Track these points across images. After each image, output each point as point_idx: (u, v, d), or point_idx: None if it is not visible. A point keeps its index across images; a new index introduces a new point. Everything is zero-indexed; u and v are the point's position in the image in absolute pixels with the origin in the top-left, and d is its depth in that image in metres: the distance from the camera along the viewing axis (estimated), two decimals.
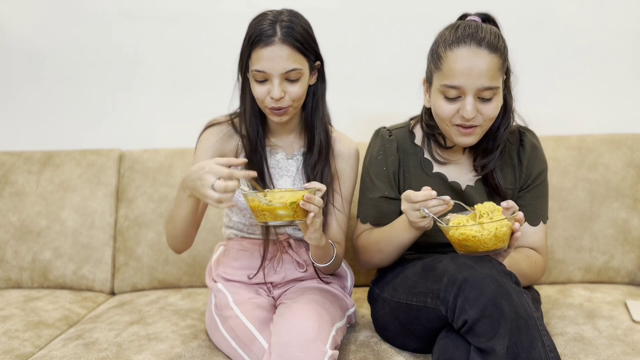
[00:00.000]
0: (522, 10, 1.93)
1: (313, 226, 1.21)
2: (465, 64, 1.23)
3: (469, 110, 1.24)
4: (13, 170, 1.94)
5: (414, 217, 1.22)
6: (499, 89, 1.26)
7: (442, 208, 1.20)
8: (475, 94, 1.24)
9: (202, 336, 1.45)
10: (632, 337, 1.37)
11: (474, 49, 1.23)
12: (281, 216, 1.17)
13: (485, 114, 1.26)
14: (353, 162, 1.48)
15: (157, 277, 1.86)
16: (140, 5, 2.02)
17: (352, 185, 1.49)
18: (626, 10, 1.92)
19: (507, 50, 1.29)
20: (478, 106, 1.25)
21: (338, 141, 1.47)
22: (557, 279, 1.78)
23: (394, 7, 1.96)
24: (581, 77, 1.96)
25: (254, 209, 1.19)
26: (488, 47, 1.23)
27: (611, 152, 1.80)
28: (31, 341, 1.48)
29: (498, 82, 1.25)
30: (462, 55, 1.23)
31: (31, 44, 2.06)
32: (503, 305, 1.09)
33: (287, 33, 1.29)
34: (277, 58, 1.28)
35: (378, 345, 1.37)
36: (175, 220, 1.32)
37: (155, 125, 2.06)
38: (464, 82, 1.23)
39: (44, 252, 1.87)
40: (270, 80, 1.31)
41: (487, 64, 1.23)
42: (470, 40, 1.24)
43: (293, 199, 1.16)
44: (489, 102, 1.25)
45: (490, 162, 1.37)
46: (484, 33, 1.25)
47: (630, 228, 1.76)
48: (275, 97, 1.30)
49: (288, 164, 1.45)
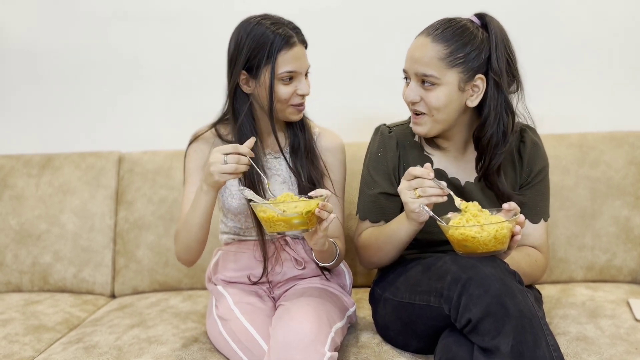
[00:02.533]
0: (522, 8, 1.92)
1: (324, 232, 1.23)
2: (411, 49, 1.32)
3: (407, 92, 1.32)
4: (12, 173, 1.94)
5: (407, 196, 1.21)
6: (439, 79, 1.27)
7: (436, 192, 1.19)
8: (416, 79, 1.30)
9: (203, 339, 1.44)
10: (635, 336, 1.36)
11: (422, 38, 1.30)
12: (296, 225, 1.20)
13: (427, 101, 1.30)
14: (340, 155, 1.51)
15: (158, 279, 1.85)
16: (139, 7, 2.02)
17: (343, 178, 1.52)
18: (627, 7, 1.91)
19: (480, 48, 1.27)
20: (422, 93, 1.30)
21: (322, 137, 1.51)
22: (559, 278, 1.77)
23: (394, 8, 1.96)
24: (582, 75, 1.95)
25: (266, 220, 1.21)
26: (435, 38, 1.28)
27: (613, 150, 1.79)
28: (31, 345, 1.48)
29: (438, 72, 1.27)
30: (414, 42, 1.33)
31: (30, 46, 2.06)
32: (507, 303, 1.09)
33: (298, 33, 1.39)
34: (303, 57, 1.39)
35: (379, 347, 1.37)
36: (191, 225, 1.35)
37: (154, 127, 2.06)
38: (407, 66, 1.32)
39: (44, 256, 1.87)
40: (296, 78, 1.38)
41: (425, 52, 1.28)
42: (426, 30, 1.31)
43: (308, 207, 1.19)
44: (430, 91, 1.29)
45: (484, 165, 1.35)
46: (441, 27, 1.30)
47: (632, 226, 1.75)
48: (305, 93, 1.40)
49: (277, 163, 1.47)
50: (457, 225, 1.16)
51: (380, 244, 1.36)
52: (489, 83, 1.29)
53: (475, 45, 1.28)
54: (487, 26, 1.31)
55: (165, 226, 1.85)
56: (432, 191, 1.19)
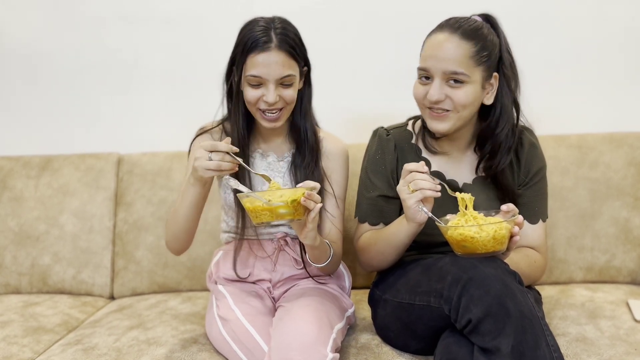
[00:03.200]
0: (522, 9, 1.93)
1: (312, 223, 1.21)
2: (435, 47, 1.29)
3: (432, 92, 1.28)
4: (11, 175, 1.94)
5: (404, 193, 1.22)
6: (468, 77, 1.28)
7: (429, 185, 1.20)
8: (442, 78, 1.28)
9: (202, 340, 1.44)
10: (634, 336, 1.36)
11: (447, 35, 1.28)
12: (282, 215, 1.18)
13: (455, 99, 1.28)
14: (342, 161, 1.50)
15: (157, 281, 1.85)
16: (138, 8, 2.02)
17: (344, 184, 1.51)
18: (627, 8, 1.92)
19: (496, 47, 1.31)
20: (447, 91, 1.29)
21: (326, 141, 1.50)
22: (559, 278, 1.77)
23: (393, 8, 1.96)
24: (581, 76, 1.95)
25: (252, 210, 1.20)
26: (462, 34, 1.28)
27: (612, 151, 1.79)
28: (30, 347, 1.48)
29: (468, 70, 1.27)
30: (435, 39, 1.30)
31: (29, 48, 2.06)
32: (508, 304, 1.09)
33: (282, 40, 1.33)
34: (274, 64, 1.32)
35: (379, 348, 1.37)
36: (178, 214, 1.35)
37: (153, 128, 2.06)
38: (431, 64, 1.28)
39: (43, 257, 1.86)
40: (265, 85, 1.34)
41: (455, 49, 1.27)
42: (447, 28, 1.30)
43: (294, 196, 1.17)
44: (458, 88, 1.28)
45: (494, 164, 1.37)
46: (464, 23, 1.29)
47: (631, 227, 1.75)
48: (270, 102, 1.34)
49: (279, 166, 1.47)
50: (456, 226, 1.16)
51: (380, 246, 1.36)
52: (501, 81, 1.33)
53: (493, 44, 1.31)
54: (494, 27, 1.34)
55: (164, 227, 1.85)
56: (424, 184, 1.20)
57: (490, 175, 1.39)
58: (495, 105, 1.34)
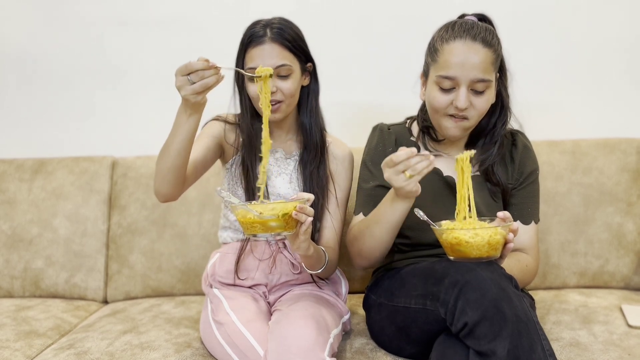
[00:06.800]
0: (517, 14, 1.94)
1: (304, 235, 1.21)
2: (460, 56, 1.28)
3: (462, 100, 1.29)
4: (4, 178, 1.93)
5: (400, 181, 1.20)
6: (491, 83, 1.31)
7: (425, 163, 1.19)
8: (468, 86, 1.29)
9: (196, 344, 1.43)
10: (628, 341, 1.37)
11: (469, 43, 1.29)
12: (273, 228, 1.17)
13: (478, 107, 1.31)
14: (347, 165, 1.52)
15: (151, 285, 1.84)
16: (132, 11, 2.01)
17: (347, 189, 1.52)
18: (621, 14, 1.93)
19: (501, 49, 1.35)
20: (471, 98, 1.30)
21: (333, 145, 1.52)
22: (552, 283, 1.77)
23: (393, 8, 1.97)
24: (575, 82, 1.97)
25: (244, 222, 1.18)
26: (482, 41, 1.29)
27: (605, 157, 1.80)
28: (22, 351, 1.46)
29: (491, 75, 1.30)
30: (457, 48, 1.29)
31: (23, 50, 2.05)
32: (504, 308, 1.10)
33: (276, 33, 1.38)
34: (267, 55, 1.37)
35: (373, 352, 1.36)
36: (170, 150, 1.29)
37: (147, 131, 2.05)
38: (458, 73, 1.28)
39: (36, 261, 1.85)
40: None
41: (480, 57, 1.28)
42: (466, 35, 1.30)
43: (285, 210, 1.16)
44: (482, 95, 1.31)
45: (489, 157, 1.41)
46: (479, 29, 1.31)
47: (624, 232, 1.76)
48: None
49: (286, 163, 1.49)
50: (451, 229, 1.17)
51: (372, 230, 1.34)
52: (500, 78, 1.39)
53: (500, 47, 1.35)
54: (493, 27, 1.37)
55: (158, 231, 1.85)
56: (421, 166, 1.19)
57: (484, 170, 1.41)
58: (496, 102, 1.38)
